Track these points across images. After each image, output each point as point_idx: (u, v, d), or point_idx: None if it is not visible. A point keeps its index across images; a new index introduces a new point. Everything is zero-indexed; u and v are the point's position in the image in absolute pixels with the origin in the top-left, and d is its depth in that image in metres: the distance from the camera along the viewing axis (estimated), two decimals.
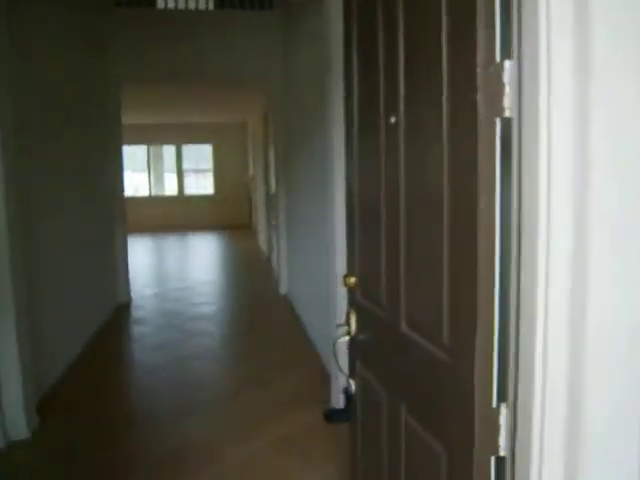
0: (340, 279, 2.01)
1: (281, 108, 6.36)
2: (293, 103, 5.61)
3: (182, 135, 14.89)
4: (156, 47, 6.07)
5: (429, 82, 1.19)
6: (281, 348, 4.60)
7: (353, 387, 1.81)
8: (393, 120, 1.38)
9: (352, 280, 1.80)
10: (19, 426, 3.04)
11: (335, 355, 1.92)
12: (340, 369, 1.95)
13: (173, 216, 15.05)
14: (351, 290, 1.83)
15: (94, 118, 5.43)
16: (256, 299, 6.52)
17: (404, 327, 1.38)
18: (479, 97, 0.99)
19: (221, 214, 15.17)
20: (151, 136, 14.84)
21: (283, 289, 6.56)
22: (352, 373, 1.82)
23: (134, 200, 14.97)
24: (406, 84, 1.31)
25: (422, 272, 1.29)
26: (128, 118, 13.63)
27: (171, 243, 12.48)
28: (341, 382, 2.47)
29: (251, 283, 7.49)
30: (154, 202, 15.19)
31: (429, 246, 1.23)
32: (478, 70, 0.99)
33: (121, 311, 5.95)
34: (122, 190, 6.28)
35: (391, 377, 1.50)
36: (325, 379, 3.65)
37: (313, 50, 4.30)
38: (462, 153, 1.07)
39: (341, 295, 2.98)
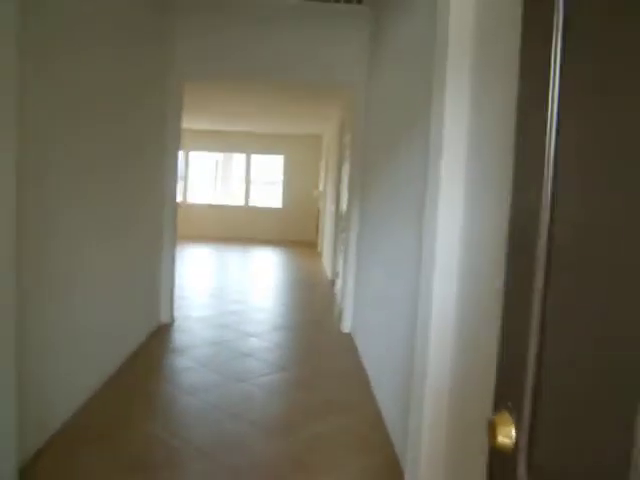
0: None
1: (362, 120, 5.50)
2: (378, 115, 4.73)
3: (253, 144, 14.34)
4: (223, 44, 5.36)
5: None
6: (338, 411, 3.66)
7: None
8: None
9: (507, 434, 0.87)
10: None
11: None
12: None
13: (237, 227, 14.48)
14: (499, 450, 0.89)
15: (145, 119, 4.73)
16: (314, 334, 5.62)
17: None
18: None
19: (286, 229, 14.47)
20: (221, 143, 14.38)
21: (346, 326, 5.64)
22: None
23: (198, 207, 14.55)
24: None
25: None
26: (197, 123, 13.30)
27: (232, 255, 11.82)
28: None
29: (311, 313, 6.60)
30: (219, 211, 14.67)
31: None
32: None
33: (160, 334, 5.20)
34: (174, 198, 5.56)
35: None
36: (397, 476, 2.69)
37: (410, 55, 3.41)
38: None
39: (435, 376, 2.03)
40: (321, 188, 12.66)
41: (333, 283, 8.27)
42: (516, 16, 1.10)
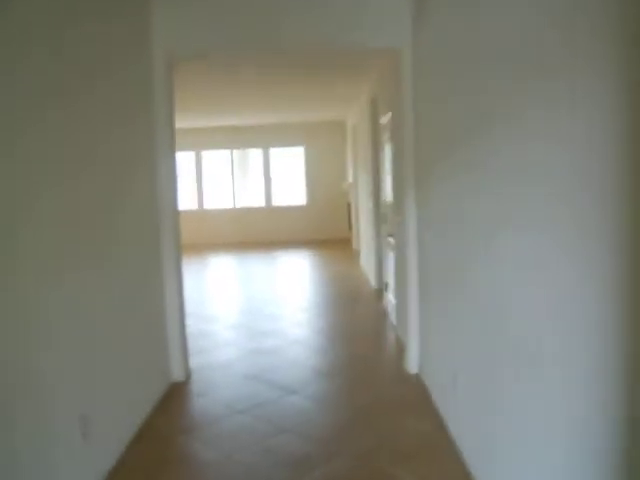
0: None
1: (408, 92, 4.10)
2: (439, 83, 3.33)
3: (270, 137, 13.00)
4: (220, 5, 4.01)
5: None
6: None
7: None
8: None
9: None
10: None
11: None
12: None
13: (260, 230, 13.20)
14: None
15: (120, 118, 3.41)
16: (369, 380, 4.23)
17: None
18: None
19: (314, 227, 13.14)
20: (235, 139, 13.07)
21: (412, 363, 4.27)
22: None
23: (215, 213, 13.27)
24: None
25: None
26: (207, 120, 11.98)
27: (256, 264, 10.52)
28: None
29: (359, 343, 5.21)
30: (239, 214, 13.39)
31: None
32: None
33: (170, 403, 3.89)
34: (173, 207, 4.27)
35: None
36: None
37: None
38: None
39: None
40: (351, 179, 11.28)
41: (380, 293, 6.89)
42: None
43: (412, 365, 4.26)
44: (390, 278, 5.90)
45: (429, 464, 2.94)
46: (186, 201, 13.42)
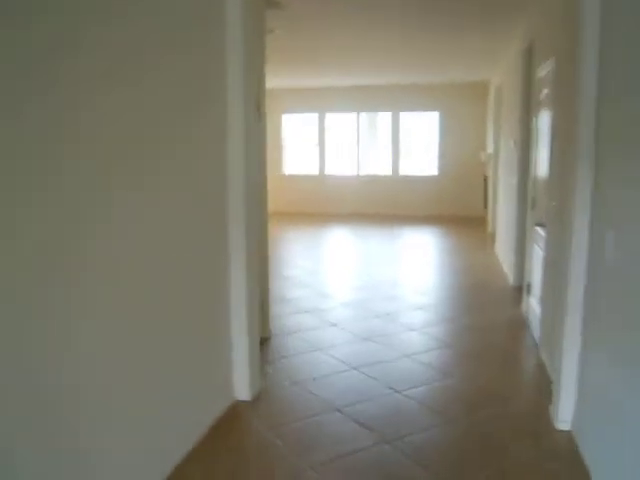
0: None
1: (594, 31, 2.72)
2: None
3: (400, 100, 11.73)
4: None
5: None
6: None
7: None
8: None
9: None
10: None
11: None
12: None
13: (383, 201, 12.07)
14: None
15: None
16: (497, 434, 3.01)
17: None
18: None
19: (445, 202, 11.77)
20: (362, 102, 11.95)
21: (564, 414, 2.99)
22: None
23: (333, 180, 12.28)
24: None
25: None
26: (330, 78, 10.88)
27: (374, 239, 9.46)
28: None
29: (488, 368, 3.94)
30: (361, 183, 12.32)
31: None
32: None
33: (225, 430, 2.99)
34: (258, 181, 3.30)
35: None
36: None
37: None
38: None
39: None
40: (490, 150, 9.73)
41: (518, 293, 5.53)
42: None
43: (563, 417, 2.99)
44: (534, 278, 4.55)
45: None
46: (305, 165, 12.62)
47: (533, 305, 4.52)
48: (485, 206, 10.49)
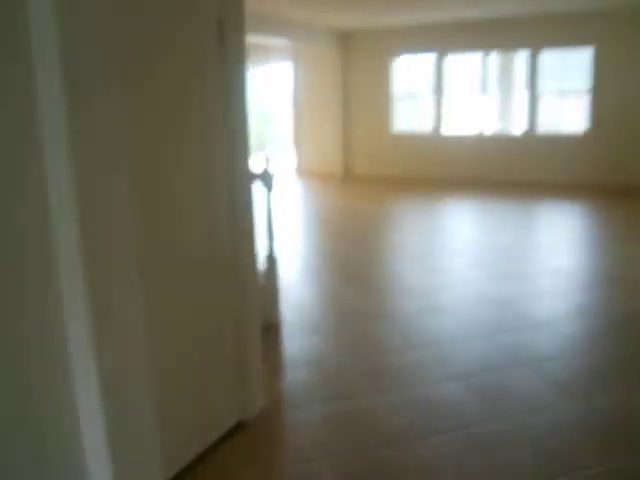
0: None
1: None
2: None
3: (540, 34, 9.18)
4: None
5: None
6: None
7: None
8: None
9: None
10: None
11: None
12: None
13: (515, 167, 9.74)
14: None
15: None
16: None
17: None
18: None
19: (601, 167, 9.16)
20: (488, 37, 9.59)
21: None
22: None
23: (452, 142, 10.07)
24: None
25: None
26: (448, 10, 8.57)
27: (500, 216, 7.34)
28: None
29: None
30: (485, 145, 10.05)
31: None
32: None
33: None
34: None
35: None
36: None
37: None
38: None
39: None
40: None
41: None
42: None
43: None
44: None
45: None
46: (418, 123, 10.59)
47: None
48: None
